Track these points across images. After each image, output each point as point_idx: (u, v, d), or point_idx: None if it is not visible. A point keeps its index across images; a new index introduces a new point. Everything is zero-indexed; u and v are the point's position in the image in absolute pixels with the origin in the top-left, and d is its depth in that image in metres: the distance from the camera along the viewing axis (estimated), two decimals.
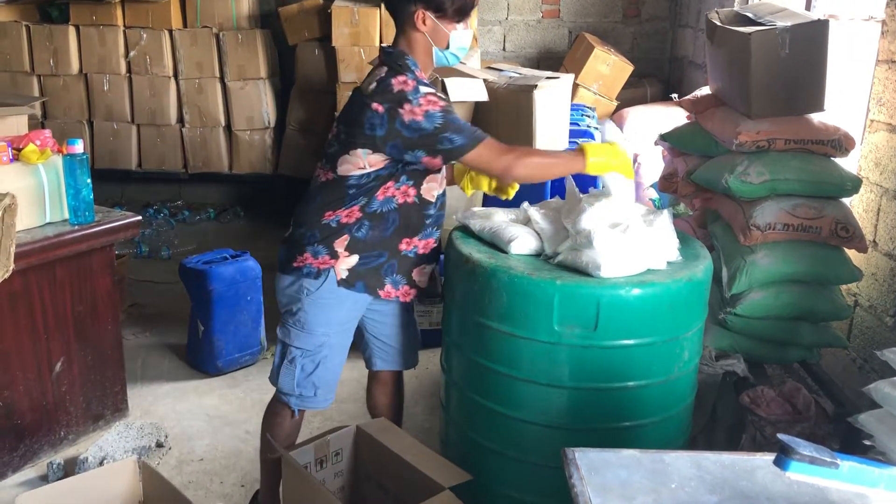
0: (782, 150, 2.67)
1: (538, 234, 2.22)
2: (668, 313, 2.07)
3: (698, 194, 3.05)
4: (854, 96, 3.08)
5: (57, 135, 3.04)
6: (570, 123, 3.88)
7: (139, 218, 3.03)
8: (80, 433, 2.95)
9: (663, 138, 3.29)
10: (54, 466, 2.76)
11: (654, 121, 4.47)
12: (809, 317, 2.71)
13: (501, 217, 2.34)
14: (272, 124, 5.52)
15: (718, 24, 2.89)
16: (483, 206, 3.07)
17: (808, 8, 3.50)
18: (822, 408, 2.52)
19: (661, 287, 2.04)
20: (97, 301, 2.93)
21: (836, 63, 2.77)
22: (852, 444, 2.03)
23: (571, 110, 3.98)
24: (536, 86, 3.48)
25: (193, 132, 5.52)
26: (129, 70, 5.46)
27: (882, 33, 2.78)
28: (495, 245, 2.23)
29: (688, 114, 3.23)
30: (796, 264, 2.65)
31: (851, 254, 2.75)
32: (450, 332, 2.36)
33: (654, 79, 5.53)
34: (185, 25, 5.43)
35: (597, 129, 4.15)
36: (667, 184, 3.27)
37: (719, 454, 1.55)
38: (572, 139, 3.82)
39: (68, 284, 2.81)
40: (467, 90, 3.56)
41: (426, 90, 2.06)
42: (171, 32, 5.37)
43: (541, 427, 2.14)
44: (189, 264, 3.49)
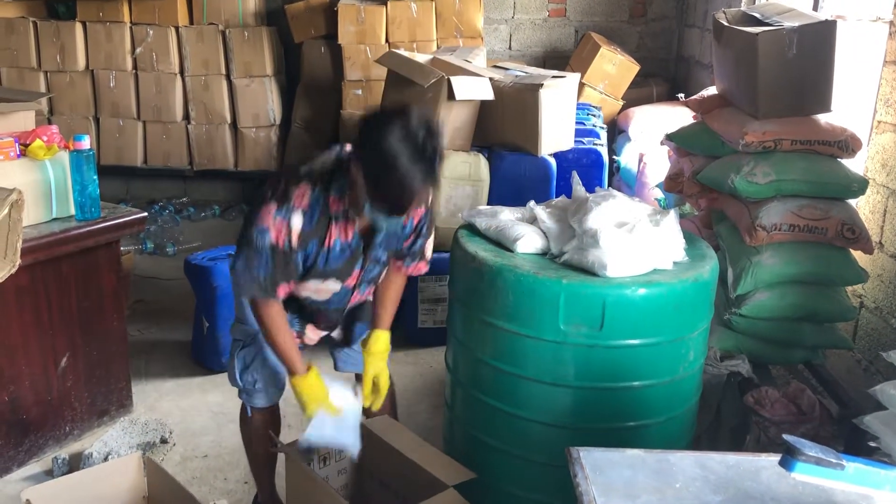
0: (789, 150, 2.67)
1: (544, 232, 2.22)
2: (673, 313, 2.07)
3: (704, 194, 3.05)
4: (861, 97, 3.07)
5: (63, 131, 3.04)
6: (576, 122, 3.88)
7: (145, 214, 3.03)
8: (84, 428, 2.95)
9: (669, 138, 3.29)
10: (59, 461, 2.76)
11: (660, 120, 4.47)
12: (814, 318, 2.70)
13: (507, 215, 2.33)
14: (278, 121, 5.52)
15: (725, 24, 2.89)
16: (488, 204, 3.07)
17: (815, 8, 3.49)
18: (827, 409, 2.52)
19: (667, 287, 2.04)
20: (102, 297, 2.93)
21: (844, 64, 2.76)
22: (856, 446, 2.03)
23: (577, 109, 3.99)
24: (542, 85, 3.48)
25: (199, 129, 5.52)
26: (135, 67, 5.46)
27: (890, 34, 2.77)
28: (501, 243, 2.22)
29: (694, 114, 3.22)
30: (802, 265, 2.65)
31: (857, 255, 2.74)
32: (455, 330, 2.36)
33: (661, 78, 5.52)
34: (191, 22, 5.43)
35: (602, 128, 4.15)
36: (672, 184, 3.27)
37: (724, 454, 1.55)
38: (578, 138, 3.82)
39: (74, 280, 2.82)
40: (473, 88, 3.56)
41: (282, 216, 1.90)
42: (177, 29, 5.37)
43: (545, 426, 2.14)
44: (194, 261, 3.49)
